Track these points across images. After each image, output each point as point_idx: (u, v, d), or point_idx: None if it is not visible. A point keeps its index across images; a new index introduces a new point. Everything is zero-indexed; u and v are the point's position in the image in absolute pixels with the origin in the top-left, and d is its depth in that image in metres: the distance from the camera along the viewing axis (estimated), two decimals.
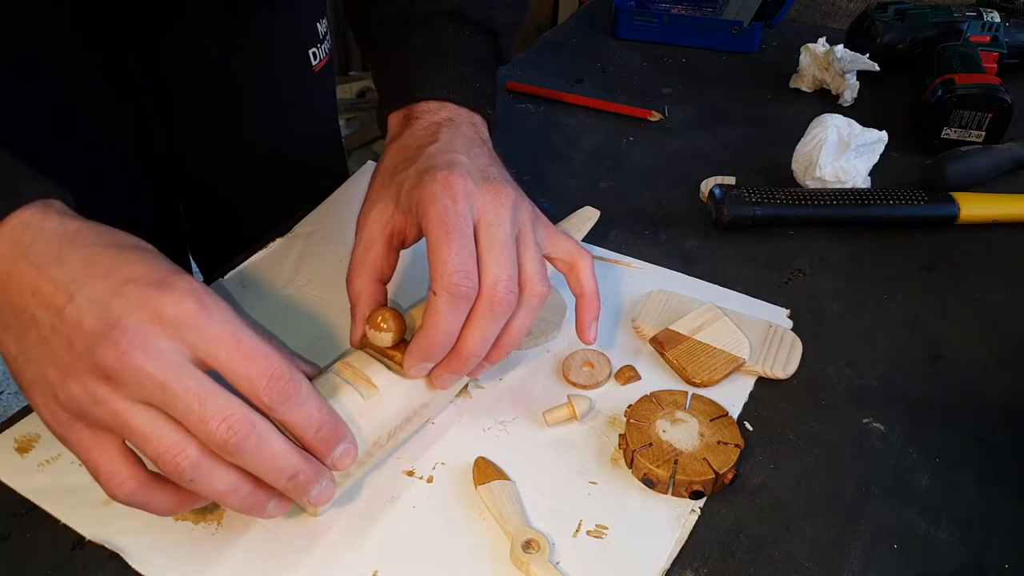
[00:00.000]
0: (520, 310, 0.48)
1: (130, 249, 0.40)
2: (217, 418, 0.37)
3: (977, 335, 0.60)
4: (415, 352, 0.46)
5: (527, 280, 0.48)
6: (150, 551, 0.44)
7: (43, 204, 0.40)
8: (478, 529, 0.46)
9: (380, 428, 0.46)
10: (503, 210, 0.47)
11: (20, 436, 0.50)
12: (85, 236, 0.40)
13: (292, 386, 0.39)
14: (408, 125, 0.54)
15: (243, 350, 0.38)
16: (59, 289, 0.38)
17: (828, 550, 0.45)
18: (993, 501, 0.48)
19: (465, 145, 0.51)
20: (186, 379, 0.37)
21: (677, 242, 0.69)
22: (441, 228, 0.45)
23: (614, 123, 0.87)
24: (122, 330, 0.36)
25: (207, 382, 0.38)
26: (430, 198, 0.46)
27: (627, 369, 0.56)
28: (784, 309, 0.61)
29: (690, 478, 0.46)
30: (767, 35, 1.04)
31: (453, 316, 0.45)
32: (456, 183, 0.46)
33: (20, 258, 0.39)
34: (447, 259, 0.44)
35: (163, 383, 0.37)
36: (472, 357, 0.47)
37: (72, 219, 0.41)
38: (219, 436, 0.37)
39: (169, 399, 0.37)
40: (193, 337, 0.38)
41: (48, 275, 0.38)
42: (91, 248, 0.39)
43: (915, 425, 0.53)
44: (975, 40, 0.89)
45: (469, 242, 0.46)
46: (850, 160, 0.72)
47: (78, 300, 0.37)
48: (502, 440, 0.51)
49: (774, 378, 0.55)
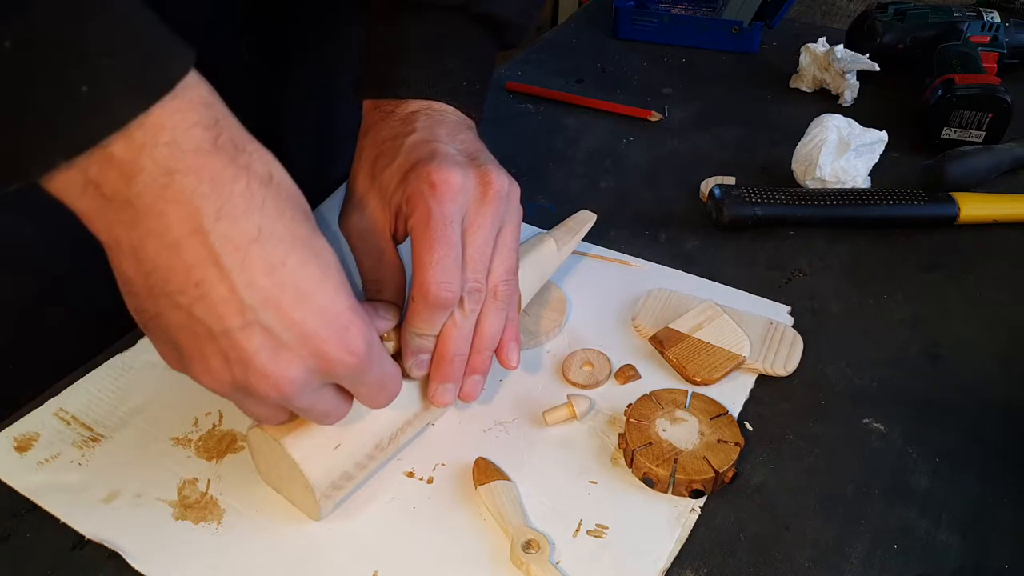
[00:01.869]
0: (484, 312, 0.47)
1: (318, 254, 0.37)
2: None
3: (977, 335, 0.60)
4: (406, 353, 0.47)
5: (495, 283, 0.47)
6: (150, 550, 0.44)
7: (200, 93, 0.34)
8: (478, 529, 0.46)
9: (382, 431, 0.46)
10: (487, 207, 0.46)
11: (19, 435, 0.51)
12: (276, 207, 0.35)
13: None
14: (384, 116, 0.51)
15: (380, 395, 0.42)
16: (233, 298, 0.34)
17: (828, 550, 0.45)
18: (993, 501, 0.48)
19: (449, 132, 0.49)
20: (317, 402, 0.40)
21: (677, 242, 0.69)
22: (425, 234, 0.44)
23: (614, 123, 0.87)
24: (288, 381, 0.36)
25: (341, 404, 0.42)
26: (417, 197, 0.45)
27: (627, 368, 0.56)
28: (785, 306, 0.61)
29: (690, 477, 0.46)
30: (767, 35, 1.04)
31: (431, 317, 0.45)
32: (442, 180, 0.45)
33: (195, 213, 0.33)
34: (427, 266, 0.44)
35: (300, 408, 0.40)
36: (455, 357, 0.47)
37: (246, 148, 0.35)
38: None
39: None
40: (347, 379, 0.40)
41: (224, 268, 0.34)
42: (281, 239, 0.35)
43: (915, 425, 0.53)
44: (975, 40, 0.89)
45: (454, 248, 0.45)
46: (850, 160, 0.72)
47: (253, 327, 0.35)
48: (502, 440, 0.51)
49: (775, 375, 0.55)
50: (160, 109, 0.32)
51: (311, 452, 0.43)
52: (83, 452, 0.50)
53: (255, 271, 0.34)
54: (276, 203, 0.35)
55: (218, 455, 0.50)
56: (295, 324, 0.35)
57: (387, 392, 0.43)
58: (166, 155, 0.32)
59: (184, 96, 0.33)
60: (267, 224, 0.35)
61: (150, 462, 0.49)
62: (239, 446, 0.50)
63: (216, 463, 0.49)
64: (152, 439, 0.51)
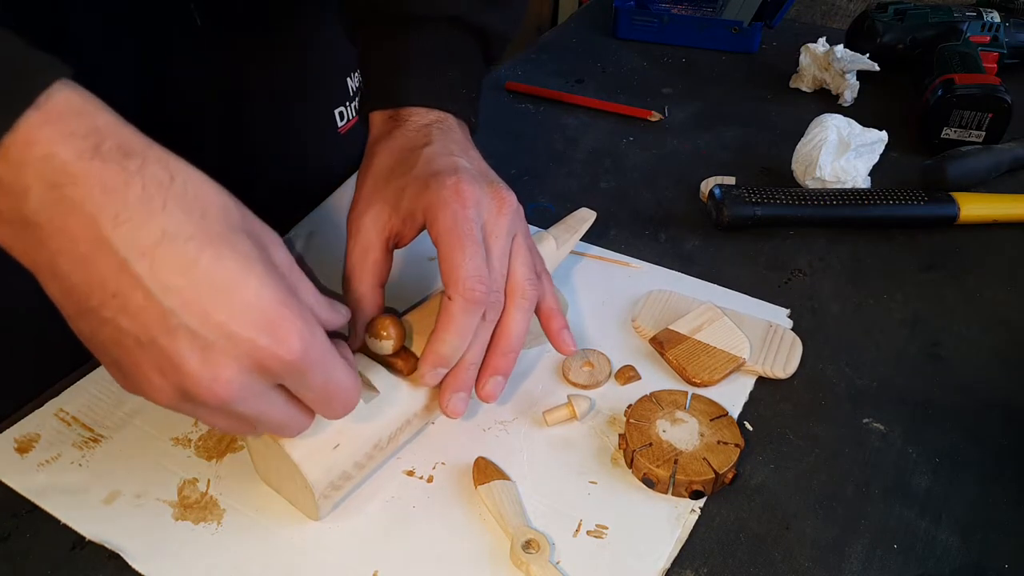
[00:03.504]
0: (511, 313, 0.48)
1: (235, 248, 0.35)
2: None
3: (977, 335, 0.60)
4: (430, 359, 0.46)
5: (517, 283, 0.48)
6: (150, 551, 0.44)
7: (77, 94, 0.33)
8: (478, 529, 0.46)
9: (381, 431, 0.46)
10: (503, 219, 0.48)
11: (20, 436, 0.51)
12: (181, 206, 0.34)
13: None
14: (397, 126, 0.53)
15: (331, 402, 0.40)
16: (151, 304, 0.33)
17: (828, 550, 0.45)
18: (993, 501, 0.48)
19: (461, 147, 0.51)
20: (268, 408, 0.38)
21: (677, 242, 0.69)
22: (454, 234, 0.45)
23: (614, 123, 0.87)
24: (223, 383, 0.35)
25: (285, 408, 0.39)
26: (441, 204, 0.46)
27: (627, 369, 0.56)
28: (784, 309, 0.61)
29: (690, 478, 0.46)
30: (767, 35, 1.04)
31: (467, 321, 0.45)
32: (466, 189, 0.47)
33: (91, 223, 0.32)
34: (462, 264, 0.45)
35: (251, 415, 0.38)
36: (471, 364, 0.47)
37: (135, 135, 0.35)
38: None
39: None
40: (290, 381, 0.37)
41: (134, 275, 0.33)
42: (191, 237, 0.34)
43: (915, 425, 0.53)
44: (975, 40, 0.89)
45: (481, 248, 0.46)
46: (850, 160, 0.72)
47: (177, 331, 0.34)
48: (502, 440, 0.51)
49: (774, 378, 0.55)
50: (26, 123, 0.31)
51: (310, 452, 0.43)
52: (83, 453, 0.50)
53: (167, 273, 0.33)
54: (181, 203, 0.34)
55: (218, 455, 0.50)
56: (219, 324, 0.34)
57: (338, 401, 0.40)
58: (46, 169, 0.32)
59: (50, 108, 0.32)
60: (172, 225, 0.33)
61: (150, 462, 0.49)
62: (239, 446, 0.50)
63: (216, 463, 0.49)
64: (152, 439, 0.51)
